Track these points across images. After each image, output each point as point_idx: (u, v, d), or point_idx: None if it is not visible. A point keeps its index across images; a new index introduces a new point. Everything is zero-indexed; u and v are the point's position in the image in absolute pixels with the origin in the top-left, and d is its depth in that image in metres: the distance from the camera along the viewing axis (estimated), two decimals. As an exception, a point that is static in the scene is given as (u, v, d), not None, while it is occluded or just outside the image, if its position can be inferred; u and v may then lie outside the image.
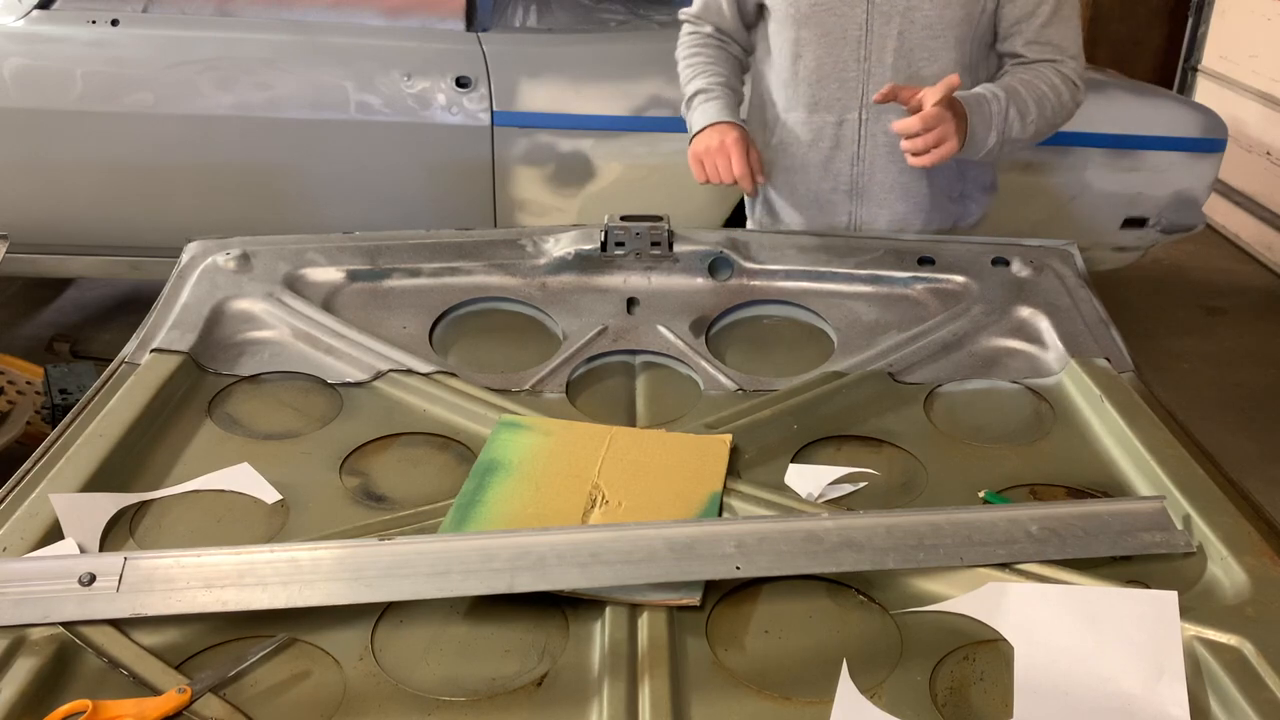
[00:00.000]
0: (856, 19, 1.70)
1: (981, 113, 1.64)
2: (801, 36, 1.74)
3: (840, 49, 1.73)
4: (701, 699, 0.97)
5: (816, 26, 1.72)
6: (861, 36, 1.71)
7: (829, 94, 1.77)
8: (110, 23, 3.08)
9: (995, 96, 1.66)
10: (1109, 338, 1.54)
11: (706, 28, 1.87)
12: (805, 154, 1.83)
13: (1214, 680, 0.97)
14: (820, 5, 1.71)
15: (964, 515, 1.14)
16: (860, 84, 1.74)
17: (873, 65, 1.72)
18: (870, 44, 1.71)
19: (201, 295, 1.57)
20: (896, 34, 1.69)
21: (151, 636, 1.02)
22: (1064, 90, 1.72)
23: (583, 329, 1.59)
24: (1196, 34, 5.31)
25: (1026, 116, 1.68)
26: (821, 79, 1.76)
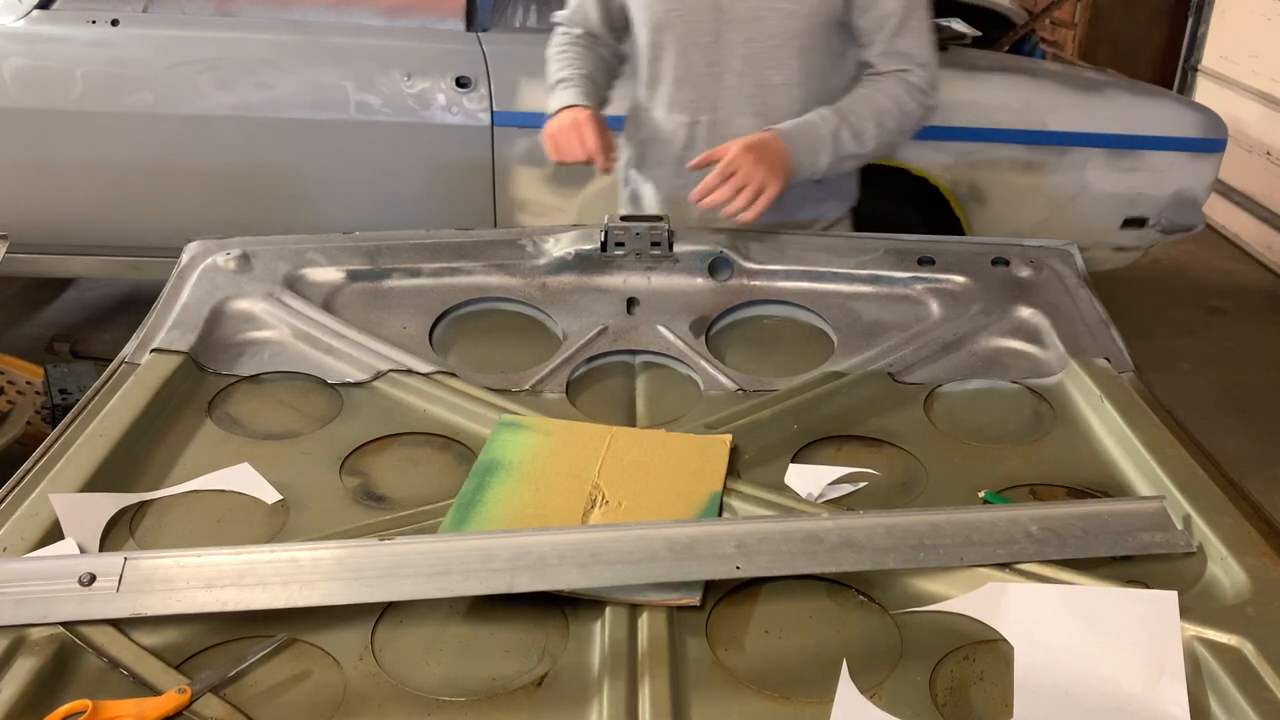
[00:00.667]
0: (707, 26, 1.73)
1: (806, 138, 1.68)
2: (658, 40, 1.77)
3: (692, 54, 1.76)
4: (701, 699, 0.97)
5: (670, 31, 1.76)
6: (712, 43, 1.74)
7: (684, 96, 1.80)
8: (110, 23, 3.08)
9: (824, 119, 1.70)
10: (1109, 338, 1.54)
11: (576, 30, 1.90)
12: (664, 151, 1.86)
13: (1214, 680, 0.97)
14: (674, 12, 1.74)
15: (964, 515, 1.14)
16: (712, 89, 1.77)
17: (723, 71, 1.75)
18: (720, 51, 1.74)
19: (201, 295, 1.57)
20: (744, 42, 1.72)
21: (151, 636, 1.02)
22: (907, 100, 1.75)
23: (583, 329, 1.59)
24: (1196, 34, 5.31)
25: (863, 135, 1.71)
26: (677, 81, 1.79)
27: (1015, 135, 3.13)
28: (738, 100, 1.77)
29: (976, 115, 3.11)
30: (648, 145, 1.89)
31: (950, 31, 3.30)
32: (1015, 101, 3.14)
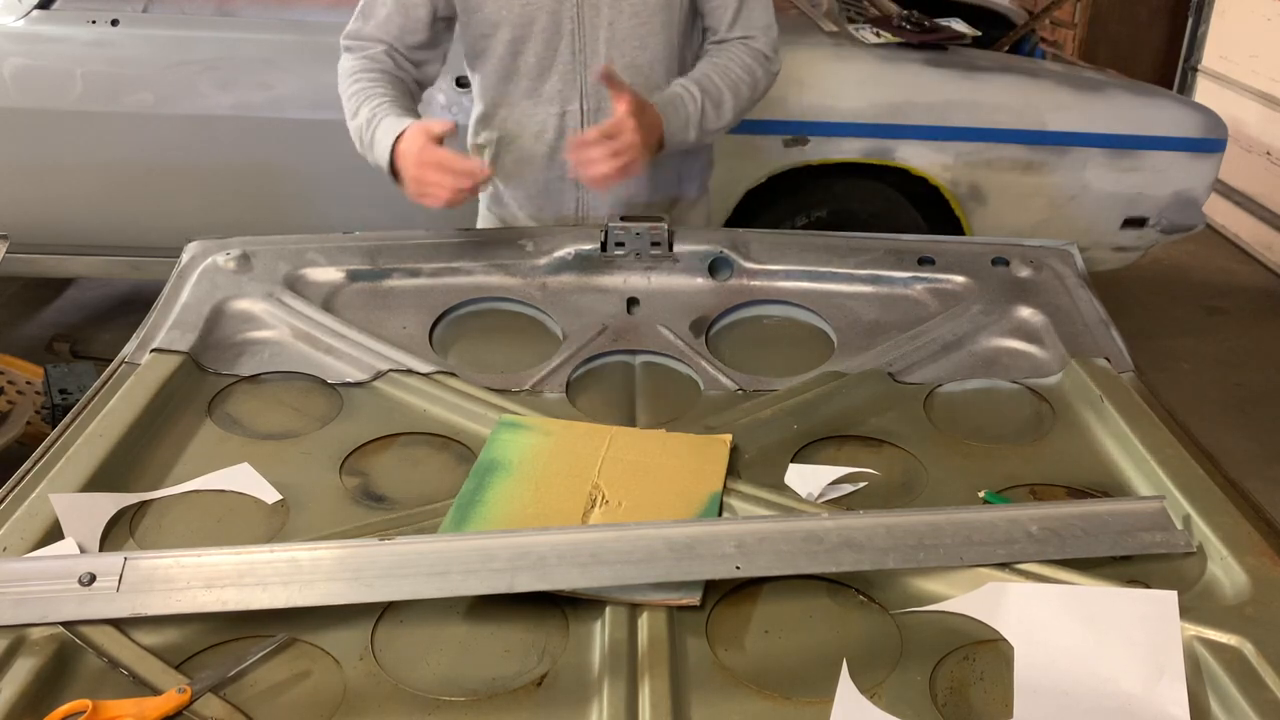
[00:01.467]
0: (568, 13, 1.72)
1: (678, 115, 1.69)
2: (518, 35, 1.74)
3: (556, 43, 1.75)
4: (701, 699, 0.97)
5: (534, 24, 1.73)
6: (575, 29, 1.73)
7: (550, 87, 1.78)
8: (110, 23, 3.08)
9: (690, 95, 1.71)
10: (1109, 338, 1.54)
11: (375, 47, 1.76)
12: (531, 146, 1.83)
13: (1214, 680, 0.97)
14: (534, 3, 1.72)
15: (964, 515, 1.14)
16: (578, 75, 1.77)
17: (588, 56, 1.75)
18: (584, 36, 1.74)
19: (201, 295, 1.57)
20: (607, 24, 1.73)
21: (151, 636, 1.02)
22: (757, 68, 1.79)
23: (583, 329, 1.59)
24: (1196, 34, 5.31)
25: (722, 106, 1.74)
26: (540, 73, 1.77)
27: (1015, 135, 3.13)
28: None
29: (976, 115, 3.11)
30: (508, 144, 1.86)
31: (950, 31, 3.30)
32: (1015, 101, 3.14)
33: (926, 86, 3.11)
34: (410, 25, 1.75)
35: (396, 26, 1.75)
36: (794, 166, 3.15)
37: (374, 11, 1.76)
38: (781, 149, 3.12)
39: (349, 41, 1.78)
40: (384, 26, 1.76)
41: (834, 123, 3.10)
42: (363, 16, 1.77)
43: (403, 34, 1.76)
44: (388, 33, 1.76)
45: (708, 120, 1.73)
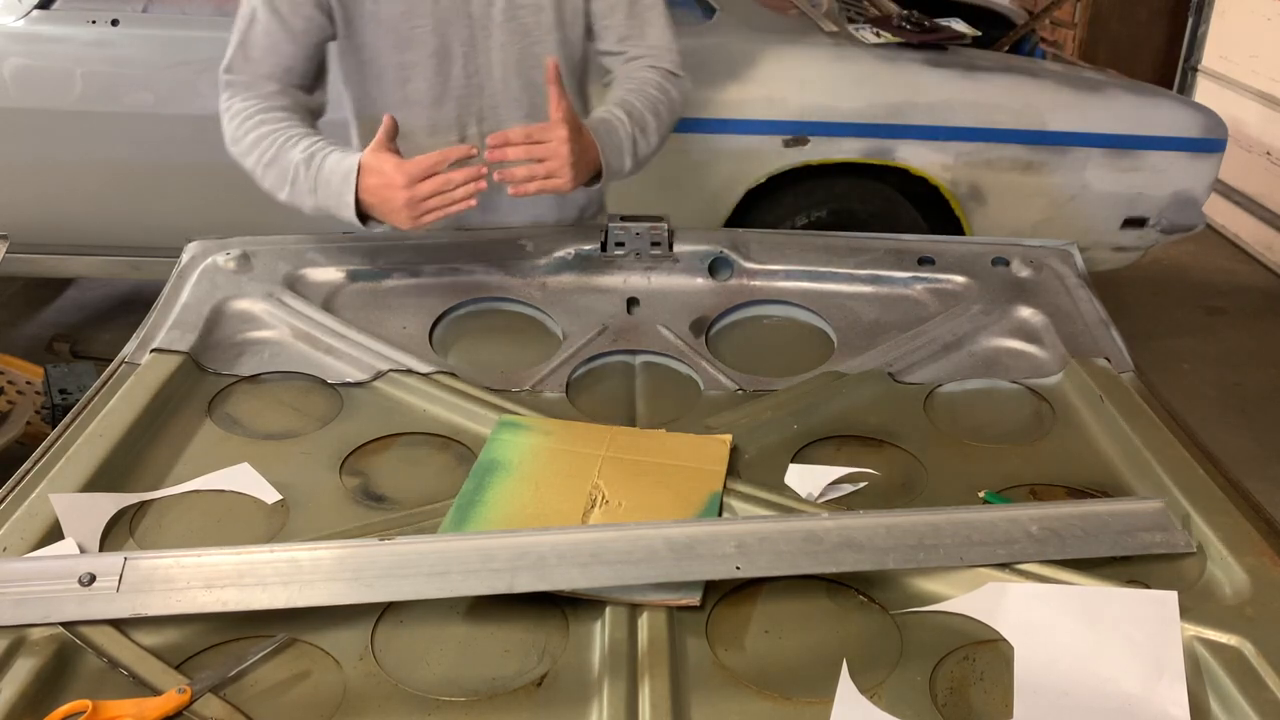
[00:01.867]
0: (459, 36, 1.66)
1: (613, 139, 1.61)
2: (407, 60, 1.66)
3: (449, 68, 1.68)
4: (701, 699, 0.97)
5: (420, 49, 1.66)
6: (467, 52, 1.67)
7: (446, 113, 1.71)
8: (110, 23, 3.09)
9: (621, 121, 1.63)
10: (1109, 338, 1.54)
11: (270, 86, 1.63)
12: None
13: (1214, 680, 0.97)
14: (420, 27, 1.64)
15: (964, 515, 1.14)
16: (474, 99, 1.71)
17: (484, 79, 1.70)
18: (477, 59, 1.68)
19: (201, 295, 1.57)
20: (499, 46, 1.68)
21: (151, 636, 1.02)
22: (671, 89, 1.72)
23: (583, 329, 1.58)
24: (1196, 34, 5.32)
25: (648, 131, 1.66)
26: (435, 100, 1.70)
27: (1015, 135, 3.13)
28: (505, 105, 1.72)
29: (976, 115, 3.12)
30: None
31: (950, 31, 3.30)
32: (1015, 101, 3.14)
33: (926, 86, 3.11)
34: (300, 53, 1.64)
35: (286, 56, 1.63)
36: (794, 166, 3.15)
37: (255, 40, 1.63)
38: (781, 149, 3.12)
39: (233, 77, 1.64)
40: (270, 58, 1.63)
41: (834, 123, 3.11)
42: (243, 48, 1.63)
43: (293, 64, 1.64)
44: (277, 65, 1.63)
45: (639, 146, 1.65)
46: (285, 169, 1.57)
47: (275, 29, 1.62)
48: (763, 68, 3.11)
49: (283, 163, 1.57)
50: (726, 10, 3.21)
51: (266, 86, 1.64)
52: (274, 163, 1.58)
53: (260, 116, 1.61)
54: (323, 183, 1.53)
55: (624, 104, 1.66)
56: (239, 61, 1.64)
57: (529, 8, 1.67)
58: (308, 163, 1.54)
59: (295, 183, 1.56)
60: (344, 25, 1.65)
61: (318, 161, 1.54)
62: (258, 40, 1.63)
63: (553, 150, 1.49)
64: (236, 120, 1.63)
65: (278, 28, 1.62)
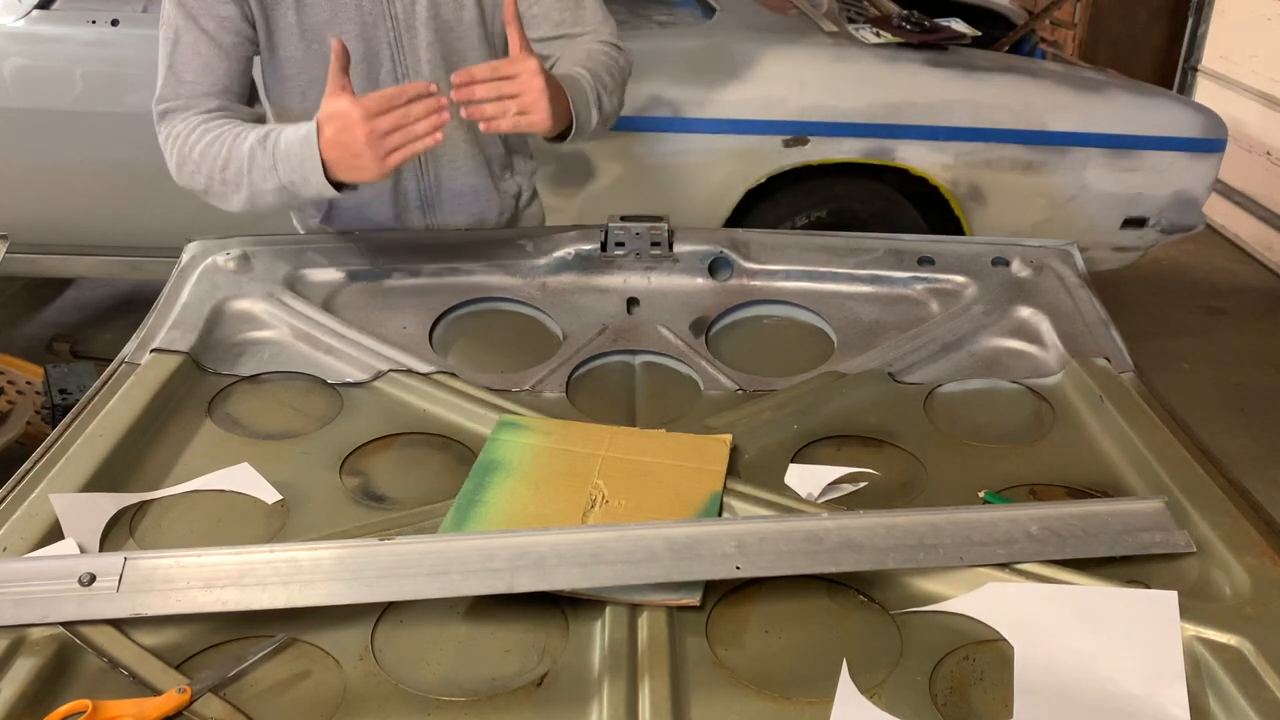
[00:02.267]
0: (385, 39, 1.64)
1: (578, 89, 1.54)
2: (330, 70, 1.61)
3: (377, 72, 1.66)
4: (701, 699, 0.97)
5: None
6: (394, 54, 1.65)
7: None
8: (110, 23, 3.09)
9: (581, 75, 1.58)
10: (1109, 338, 1.54)
11: (211, 103, 1.57)
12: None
13: (1214, 680, 0.97)
14: (345, 33, 1.60)
15: (964, 515, 1.14)
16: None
17: (412, 79, 1.66)
18: (404, 60, 1.66)
19: (201, 295, 1.57)
20: (426, 45, 1.66)
21: (151, 636, 1.02)
22: (618, 56, 1.71)
23: (583, 329, 1.59)
24: (1196, 34, 5.32)
25: (608, 89, 1.63)
26: None
27: (1015, 135, 3.14)
28: None
29: (976, 115, 3.12)
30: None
31: (950, 31, 3.30)
32: (1015, 101, 3.14)
33: (926, 86, 3.12)
34: (234, 69, 1.59)
35: (220, 75, 1.57)
36: (794, 166, 3.15)
37: (185, 62, 1.56)
38: (781, 149, 3.12)
39: (167, 105, 1.59)
40: (205, 78, 1.56)
41: (834, 123, 3.11)
42: (173, 73, 1.57)
43: (229, 82, 1.59)
44: (213, 85, 1.57)
45: (603, 102, 1.60)
46: (240, 161, 1.49)
47: (205, 48, 1.56)
48: (763, 68, 3.11)
49: (236, 157, 1.49)
50: (726, 10, 3.21)
51: (205, 104, 1.57)
52: (228, 163, 1.50)
53: (204, 127, 1.54)
54: (282, 155, 1.45)
55: (582, 64, 1.62)
56: (170, 87, 1.58)
57: (450, 5, 1.66)
58: (262, 142, 1.47)
59: (253, 169, 1.48)
60: (265, 39, 1.62)
61: (273, 138, 1.46)
62: (187, 62, 1.57)
63: (524, 84, 1.40)
64: (179, 142, 1.56)
65: (207, 46, 1.56)
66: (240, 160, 1.49)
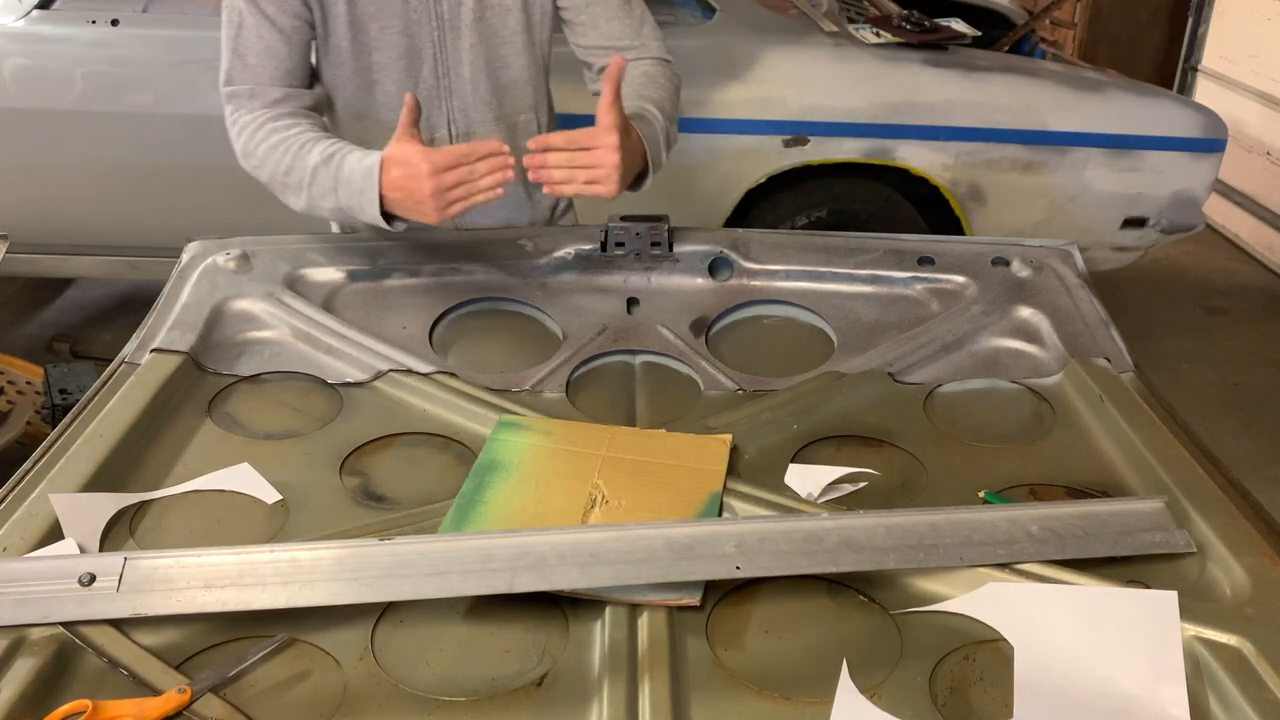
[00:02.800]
0: (428, 37, 1.66)
1: (654, 138, 1.58)
2: (375, 62, 1.66)
3: (418, 69, 1.68)
4: (701, 699, 0.97)
5: (389, 50, 1.65)
6: (436, 54, 1.68)
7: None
8: (110, 23, 3.09)
9: (653, 115, 1.61)
10: (1109, 338, 1.54)
11: (275, 92, 1.61)
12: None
13: (1214, 680, 0.97)
14: (389, 28, 1.64)
15: (964, 515, 1.14)
16: (444, 101, 1.71)
17: (453, 81, 1.70)
18: (446, 61, 1.68)
19: (201, 295, 1.57)
20: (469, 47, 1.68)
21: (151, 636, 1.02)
22: (673, 77, 1.74)
23: (583, 329, 1.59)
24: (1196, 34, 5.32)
25: (674, 120, 1.67)
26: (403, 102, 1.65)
27: (1015, 135, 3.14)
28: (474, 106, 1.73)
29: (976, 115, 3.12)
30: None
31: (950, 31, 3.30)
32: (1015, 101, 3.14)
33: (926, 86, 3.12)
34: (294, 53, 1.61)
35: (283, 59, 1.60)
36: (794, 166, 3.15)
37: (248, 45, 1.59)
38: (781, 149, 3.12)
39: (234, 89, 1.62)
40: (268, 62, 1.60)
41: (834, 123, 3.11)
42: (238, 56, 1.60)
43: (291, 65, 1.61)
44: (276, 69, 1.60)
45: (671, 136, 1.65)
46: (303, 173, 1.54)
47: (267, 31, 1.59)
48: (763, 68, 3.11)
49: (300, 168, 1.54)
50: (726, 10, 3.21)
51: (270, 93, 1.61)
52: (290, 170, 1.55)
53: (270, 126, 1.58)
54: (344, 180, 1.49)
55: (651, 98, 1.65)
56: (237, 71, 1.61)
57: (497, 9, 1.68)
58: (326, 162, 1.51)
59: (314, 184, 1.53)
60: (320, 25, 1.65)
61: (337, 160, 1.50)
62: (250, 45, 1.60)
63: (600, 158, 1.44)
64: (246, 133, 1.60)
65: (269, 30, 1.59)
66: (303, 172, 1.54)
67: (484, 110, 1.74)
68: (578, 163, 1.44)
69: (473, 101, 1.73)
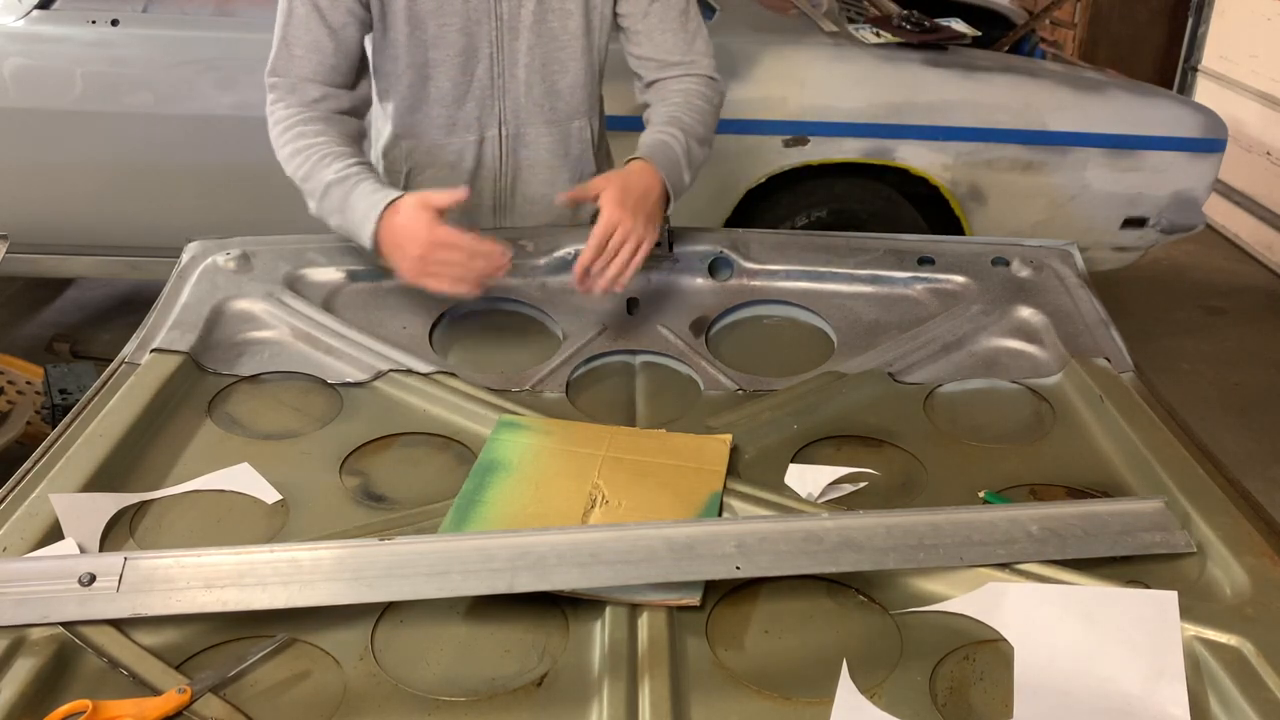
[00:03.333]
0: (486, 36, 1.66)
1: (669, 160, 1.62)
2: (432, 58, 1.66)
3: (474, 67, 1.68)
4: (701, 699, 0.97)
5: (447, 48, 1.66)
6: (493, 53, 1.67)
7: (466, 114, 1.72)
8: (110, 23, 3.09)
9: (674, 137, 1.64)
10: (1109, 338, 1.54)
11: (314, 91, 1.61)
12: (447, 176, 1.76)
13: (1214, 680, 0.97)
14: (448, 25, 1.64)
15: (964, 515, 1.14)
16: (497, 101, 1.71)
17: (508, 82, 1.70)
18: (502, 61, 1.68)
19: (202, 295, 1.58)
20: (526, 49, 1.68)
21: (151, 636, 1.02)
22: (713, 95, 1.74)
23: (583, 329, 1.59)
24: (1196, 34, 5.32)
25: (703, 141, 1.69)
26: (455, 100, 1.70)
27: (1015, 135, 3.13)
28: (527, 109, 1.73)
29: (976, 115, 3.12)
30: (422, 170, 1.77)
31: (950, 31, 3.30)
32: (1015, 101, 3.14)
33: (926, 86, 3.11)
34: (341, 49, 1.61)
35: (328, 54, 1.60)
36: (794, 166, 3.15)
37: (296, 36, 1.60)
38: (781, 149, 3.12)
39: (277, 79, 1.62)
40: (313, 56, 1.60)
41: (834, 123, 3.11)
42: (285, 46, 1.61)
43: (336, 61, 1.61)
44: (320, 64, 1.61)
45: (694, 157, 1.67)
46: (317, 186, 1.56)
47: (315, 25, 1.60)
48: (763, 68, 3.11)
49: (315, 180, 1.56)
50: (726, 10, 3.21)
51: (309, 92, 1.61)
52: (308, 178, 1.57)
53: (300, 129, 1.59)
54: (351, 205, 1.52)
55: (676, 120, 1.67)
56: (283, 61, 1.61)
57: (558, 12, 1.68)
58: (341, 183, 1.53)
59: (324, 200, 1.55)
60: (379, 19, 1.66)
61: (350, 184, 1.52)
62: (299, 37, 1.60)
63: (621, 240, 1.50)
64: (279, 129, 1.62)
65: (318, 23, 1.60)
66: (318, 186, 1.56)
67: (536, 113, 1.74)
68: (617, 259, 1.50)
69: (525, 104, 1.73)
